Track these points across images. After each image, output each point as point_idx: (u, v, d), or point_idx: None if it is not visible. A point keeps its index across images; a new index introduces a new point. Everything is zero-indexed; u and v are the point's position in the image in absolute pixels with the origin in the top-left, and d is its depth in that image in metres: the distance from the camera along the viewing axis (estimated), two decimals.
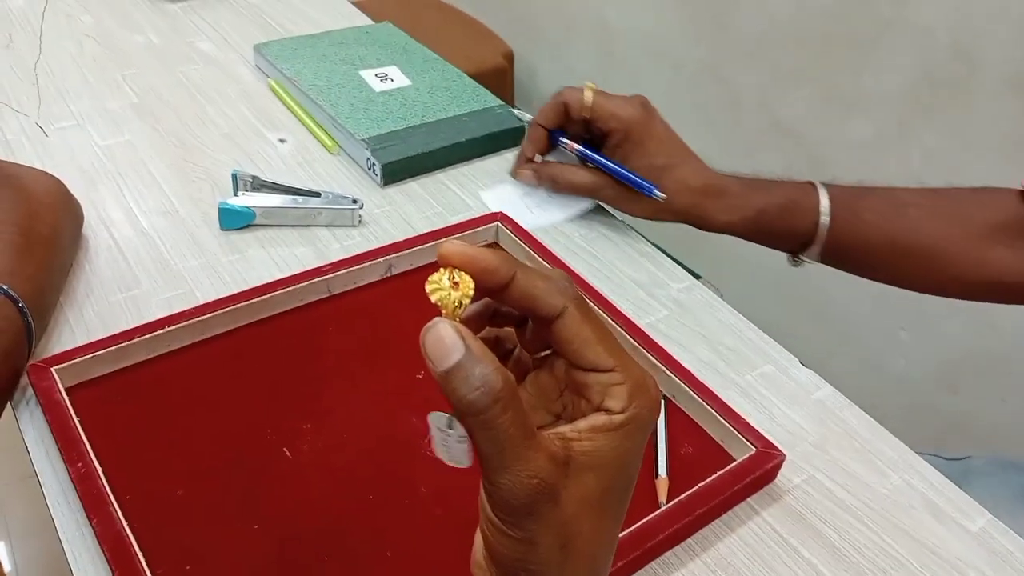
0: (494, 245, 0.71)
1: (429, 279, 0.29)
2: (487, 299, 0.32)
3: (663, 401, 0.57)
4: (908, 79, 1.25)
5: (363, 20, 1.06)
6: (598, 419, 0.29)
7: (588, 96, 0.69)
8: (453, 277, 0.29)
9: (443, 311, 0.28)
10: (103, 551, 0.43)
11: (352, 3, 1.11)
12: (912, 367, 1.35)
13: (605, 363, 0.29)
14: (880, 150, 1.34)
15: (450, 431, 0.29)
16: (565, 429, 0.29)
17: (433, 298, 0.28)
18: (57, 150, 0.76)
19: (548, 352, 0.32)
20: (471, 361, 0.26)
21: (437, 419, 0.30)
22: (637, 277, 0.69)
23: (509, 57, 1.85)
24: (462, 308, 0.29)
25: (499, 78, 1.79)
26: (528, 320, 0.32)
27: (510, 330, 0.33)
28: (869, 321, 1.41)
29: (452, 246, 0.29)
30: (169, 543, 0.45)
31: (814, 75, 1.38)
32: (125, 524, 0.44)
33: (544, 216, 0.73)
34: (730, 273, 1.33)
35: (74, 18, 0.99)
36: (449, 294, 0.28)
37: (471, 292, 0.29)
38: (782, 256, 0.73)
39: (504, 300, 0.29)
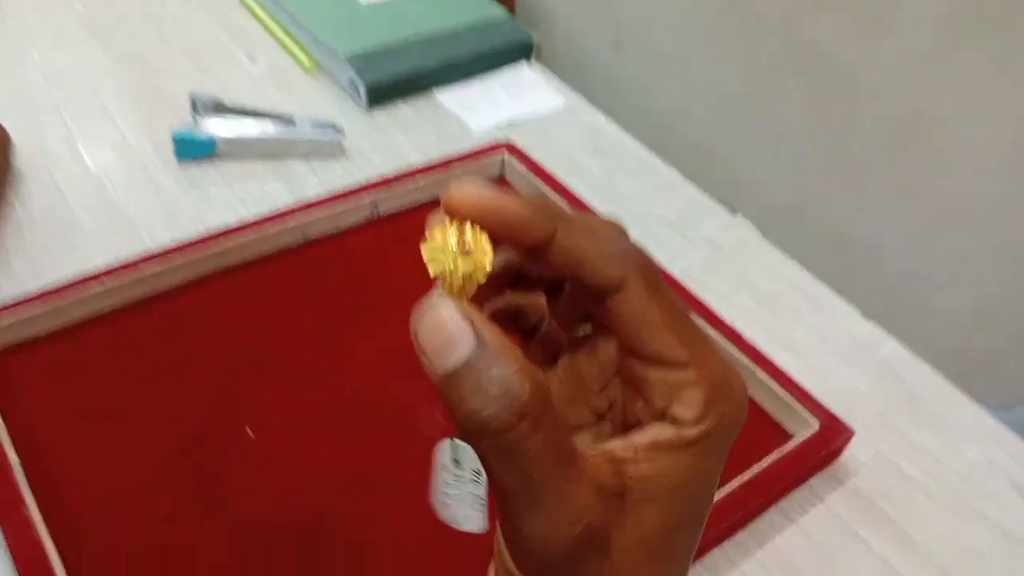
0: (499, 180, 0.61)
1: (427, 238, 0.20)
2: (508, 257, 0.22)
3: None
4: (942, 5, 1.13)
5: None
6: (663, 432, 0.20)
7: None
8: (464, 237, 0.20)
9: (446, 287, 0.19)
10: (15, 567, 0.35)
11: None
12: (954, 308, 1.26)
13: (677, 356, 0.20)
14: (917, 74, 1.22)
15: (459, 471, 0.20)
16: (616, 446, 0.20)
17: (432, 269, 0.19)
18: None
19: (590, 328, 0.23)
20: (486, 359, 0.18)
21: (446, 451, 0.21)
22: (665, 214, 0.60)
23: None
24: (474, 284, 0.20)
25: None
26: (564, 283, 0.23)
27: (538, 297, 0.24)
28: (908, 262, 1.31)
29: (463, 191, 0.20)
30: (101, 552, 0.37)
31: None
32: (44, 531, 0.36)
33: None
34: (768, 212, 1.23)
35: None
36: (456, 265, 0.19)
37: (488, 263, 0.20)
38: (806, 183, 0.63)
39: (545, 263, 0.21)
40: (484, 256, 0.19)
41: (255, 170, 0.58)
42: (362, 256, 0.53)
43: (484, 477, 0.20)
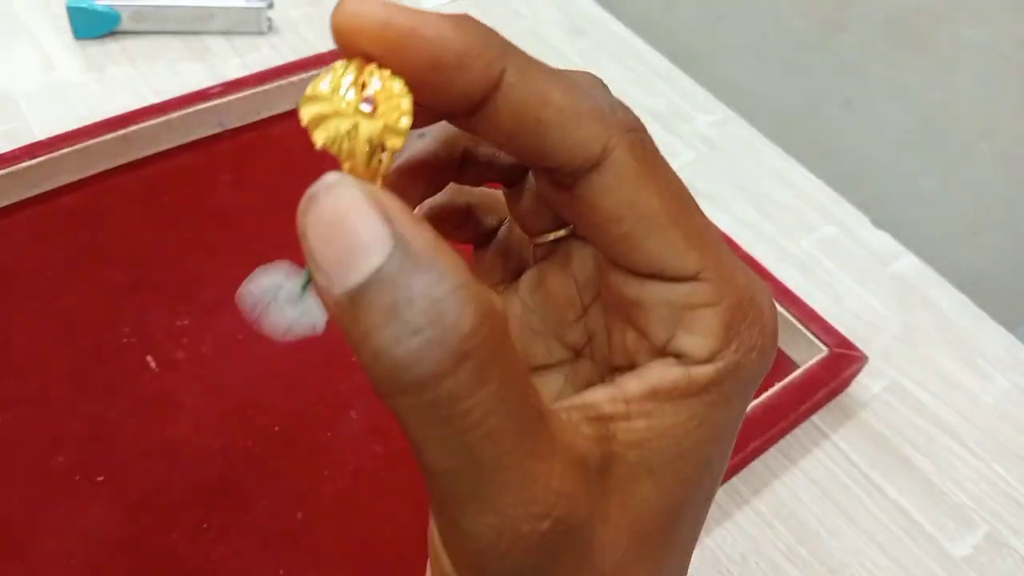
0: None
1: (310, 89, 0.13)
2: (445, 127, 0.16)
3: None
4: None
5: None
6: (665, 374, 0.14)
7: None
8: (365, 84, 0.13)
9: (346, 163, 0.13)
10: None
11: None
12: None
13: (684, 263, 0.14)
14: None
15: (287, 295, 0.15)
16: (600, 398, 0.14)
17: (319, 137, 0.13)
18: None
19: (564, 232, 0.17)
20: (407, 271, 0.11)
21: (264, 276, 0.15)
22: (653, 106, 0.51)
23: None
24: (388, 156, 0.13)
25: None
26: (528, 171, 0.16)
27: (492, 192, 0.17)
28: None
29: (359, 8, 0.13)
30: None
31: None
32: None
33: None
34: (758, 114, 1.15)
35: None
36: (356, 126, 0.13)
37: (403, 120, 0.13)
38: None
39: (483, 128, 0.14)
40: (397, 112, 0.13)
41: (166, 48, 0.49)
42: (290, 149, 0.44)
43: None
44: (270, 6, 0.50)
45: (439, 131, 0.16)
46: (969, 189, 1.12)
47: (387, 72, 0.13)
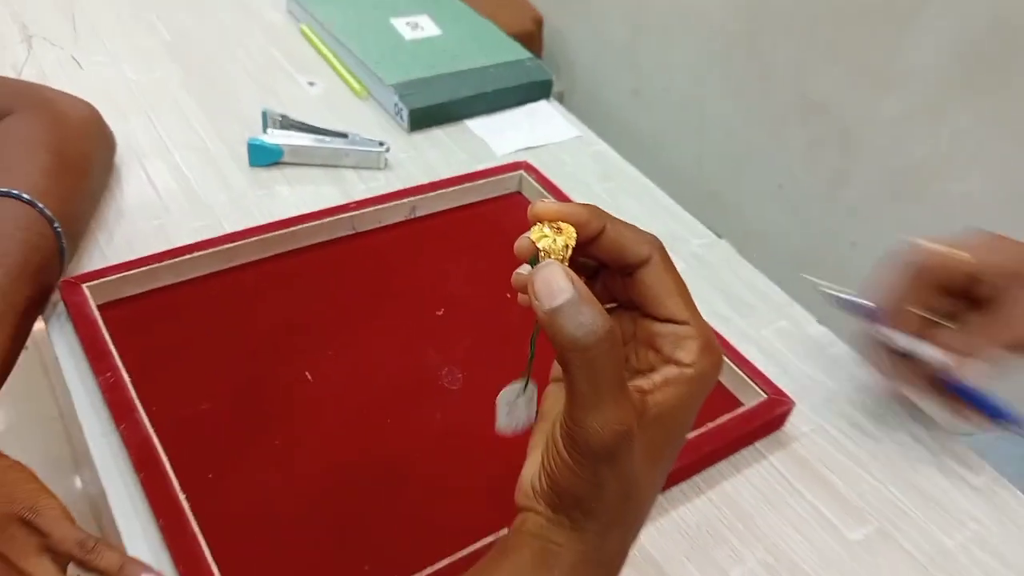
0: (517, 194, 0.71)
1: (531, 229, 0.29)
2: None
3: None
4: (943, 56, 1.23)
5: None
6: (670, 371, 0.30)
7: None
8: (556, 226, 0.30)
9: (550, 256, 0.29)
10: (129, 455, 0.45)
11: None
12: None
13: (681, 315, 0.30)
14: (910, 129, 1.32)
15: (518, 399, 0.31)
16: (641, 382, 0.30)
17: (540, 244, 0.29)
18: (91, 83, 0.77)
19: (615, 305, 0.33)
20: (579, 301, 0.27)
21: (509, 392, 0.32)
22: (658, 230, 0.70)
23: (539, 22, 1.84)
24: (568, 251, 0.29)
25: (528, 43, 1.78)
26: (599, 274, 0.33)
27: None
28: None
29: (545, 205, 0.30)
30: (192, 452, 0.47)
31: (847, 50, 1.37)
32: (151, 431, 0.46)
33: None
34: (753, 241, 1.32)
35: None
36: (555, 240, 0.29)
37: (574, 238, 0.29)
38: (807, 227, 0.73)
39: (593, 249, 0.30)
40: (571, 235, 0.29)
41: (313, 175, 0.69)
42: (401, 248, 0.63)
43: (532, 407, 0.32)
44: (387, 150, 0.71)
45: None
46: None
47: (562, 222, 0.29)
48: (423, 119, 0.77)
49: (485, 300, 0.57)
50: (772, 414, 0.52)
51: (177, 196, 0.66)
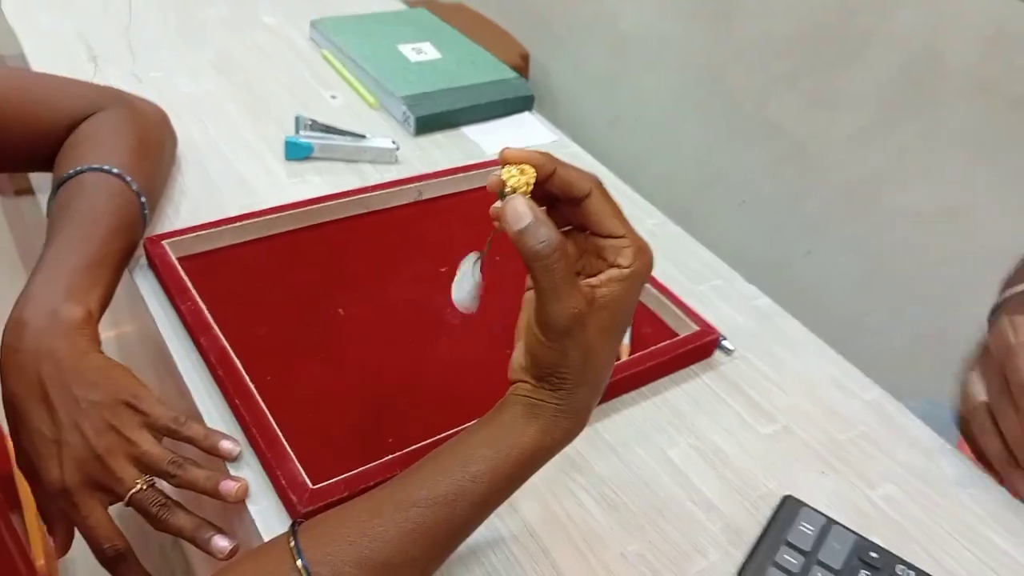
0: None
1: (502, 170, 0.41)
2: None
3: None
4: (885, 82, 1.40)
5: (401, 7, 1.22)
6: (613, 272, 0.43)
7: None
8: (520, 168, 0.41)
9: (516, 191, 0.41)
10: (206, 361, 0.59)
11: None
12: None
13: (619, 231, 0.43)
14: (860, 146, 1.49)
15: (472, 274, 0.45)
16: (591, 280, 0.43)
17: (509, 182, 0.41)
18: (150, 94, 0.92)
19: (569, 228, 0.45)
20: (538, 224, 0.40)
21: (467, 259, 0.45)
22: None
23: (525, 58, 2.01)
24: (529, 187, 0.41)
25: None
26: (555, 204, 0.44)
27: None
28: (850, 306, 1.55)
29: (512, 150, 0.42)
30: (255, 360, 0.61)
31: (802, 78, 1.54)
32: (225, 342, 0.60)
33: None
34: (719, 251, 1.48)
35: None
36: (518, 178, 0.41)
37: (534, 177, 0.41)
38: (768, 237, 0.87)
39: (548, 186, 0.42)
40: (531, 175, 0.41)
41: (337, 168, 0.84)
42: (411, 222, 0.78)
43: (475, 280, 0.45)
44: (397, 148, 0.86)
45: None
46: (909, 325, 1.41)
47: (524, 165, 0.42)
48: (426, 125, 0.92)
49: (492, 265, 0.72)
50: (702, 340, 0.67)
51: (229, 181, 0.80)
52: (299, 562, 0.41)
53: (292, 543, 0.42)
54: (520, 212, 0.40)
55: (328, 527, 0.43)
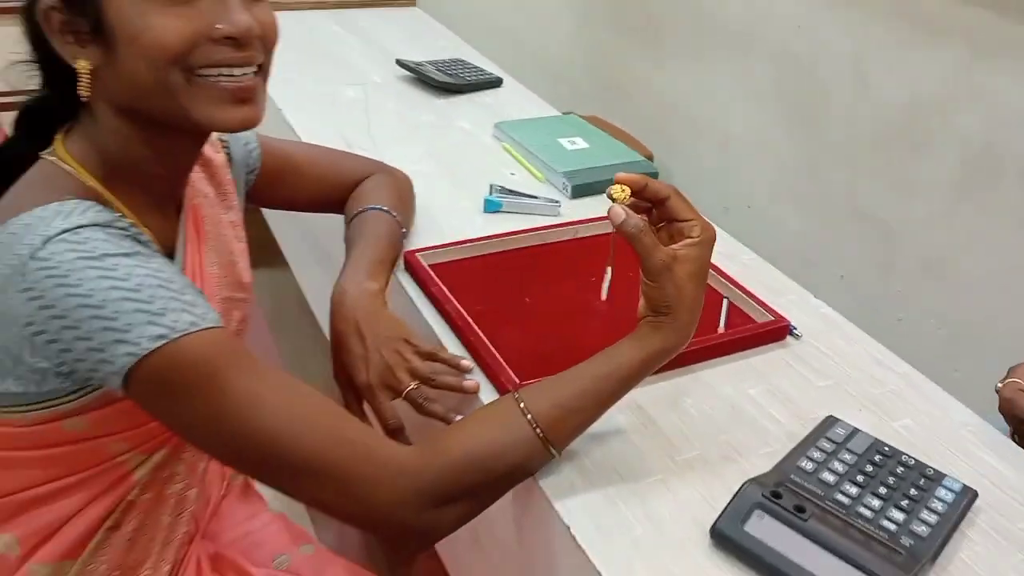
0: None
1: (610, 190, 0.77)
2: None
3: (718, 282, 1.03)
4: (952, 170, 1.67)
5: (557, 113, 1.62)
6: (688, 240, 0.75)
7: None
8: (622, 187, 0.77)
9: (617, 201, 0.76)
10: (448, 320, 0.94)
11: (547, 103, 1.68)
12: None
13: (690, 216, 0.76)
14: (935, 225, 1.75)
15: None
16: (675, 246, 0.75)
17: (615, 195, 0.75)
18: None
19: (662, 224, 0.78)
20: (628, 216, 0.72)
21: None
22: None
23: (649, 158, 2.38)
24: (627, 197, 0.75)
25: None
26: (653, 207, 0.79)
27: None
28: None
29: (620, 173, 0.78)
30: (479, 320, 0.95)
31: (884, 169, 1.82)
32: (461, 310, 0.95)
33: None
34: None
35: (384, 104, 1.60)
36: (620, 192, 0.76)
37: (630, 194, 0.76)
38: (863, 307, 1.16)
39: (644, 195, 0.76)
40: (628, 193, 0.76)
41: (519, 218, 1.21)
42: (568, 251, 1.13)
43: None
44: (559, 205, 1.22)
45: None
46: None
47: (625, 186, 0.78)
48: (579, 191, 1.28)
49: (617, 275, 1.06)
50: (777, 325, 0.97)
51: (451, 222, 1.18)
52: (516, 395, 0.74)
53: (514, 393, 0.75)
54: (616, 211, 0.73)
55: (537, 384, 0.76)
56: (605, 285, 0.85)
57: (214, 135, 0.94)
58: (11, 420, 0.75)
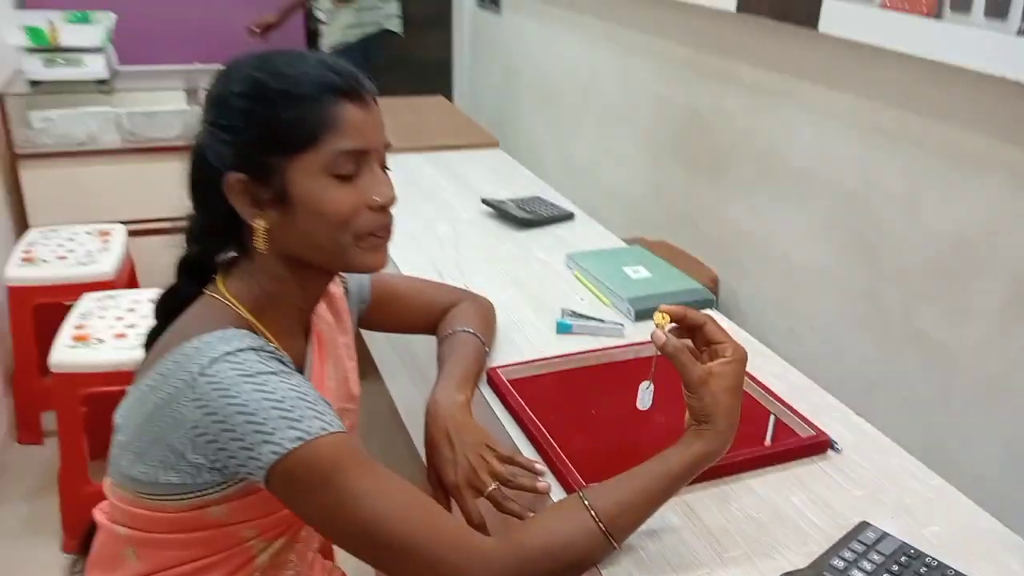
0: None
1: (655, 316, 0.93)
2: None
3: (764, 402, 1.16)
4: (1004, 295, 1.76)
5: (623, 244, 1.80)
6: (721, 360, 0.91)
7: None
8: (664, 316, 0.93)
9: (659, 326, 0.92)
10: (524, 426, 1.10)
11: (612, 233, 1.87)
12: None
13: (722, 339, 0.92)
14: (990, 347, 1.82)
15: (647, 387, 0.94)
16: (711, 364, 0.91)
17: (657, 321, 0.92)
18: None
19: (705, 348, 0.94)
20: (669, 339, 0.88)
21: (642, 388, 0.95)
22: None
23: (714, 280, 2.53)
24: (666, 322, 0.92)
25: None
26: (693, 333, 0.95)
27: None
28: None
29: (665, 306, 0.94)
30: (550, 427, 1.10)
31: (937, 294, 1.92)
32: (535, 418, 1.10)
33: None
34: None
35: (471, 238, 1.81)
36: (663, 319, 0.93)
37: (671, 321, 0.93)
38: (926, 421, 1.28)
39: (684, 322, 0.92)
40: (668, 320, 0.93)
41: (586, 339, 1.37)
42: (630, 368, 1.27)
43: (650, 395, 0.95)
44: (623, 327, 1.37)
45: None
46: None
47: (667, 314, 0.94)
48: (642, 315, 1.44)
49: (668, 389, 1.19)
50: (819, 439, 1.09)
51: (527, 341, 1.35)
52: (581, 494, 0.88)
53: (579, 492, 0.90)
54: (658, 335, 0.89)
55: (599, 485, 0.90)
56: (643, 396, 0.98)
57: None
58: (168, 507, 0.93)
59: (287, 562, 1.04)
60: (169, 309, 0.99)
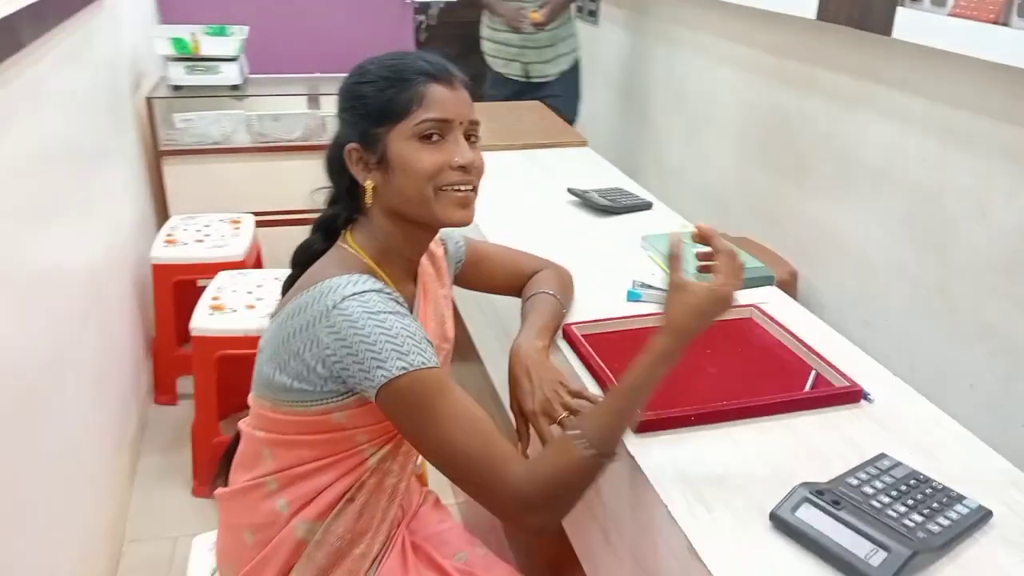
0: (750, 319, 1.49)
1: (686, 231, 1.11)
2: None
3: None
4: None
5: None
6: (705, 284, 1.06)
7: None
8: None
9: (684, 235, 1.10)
10: (597, 376, 1.28)
11: (689, 223, 2.03)
12: None
13: (724, 273, 1.05)
14: None
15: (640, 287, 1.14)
16: (691, 280, 1.06)
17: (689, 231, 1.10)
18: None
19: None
20: (674, 241, 1.06)
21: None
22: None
23: (793, 275, 2.64)
24: (688, 237, 1.10)
25: (785, 290, 2.57)
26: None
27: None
28: None
29: (702, 224, 1.12)
30: (616, 375, 1.28)
31: (1007, 287, 2.00)
32: (605, 368, 1.29)
33: None
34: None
35: (558, 221, 2.00)
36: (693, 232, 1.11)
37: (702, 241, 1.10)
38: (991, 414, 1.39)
39: (710, 243, 1.09)
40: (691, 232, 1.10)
41: (654, 307, 1.54)
42: None
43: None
44: None
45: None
46: None
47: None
48: None
49: (729, 354, 1.35)
50: (852, 389, 1.23)
51: (600, 306, 1.53)
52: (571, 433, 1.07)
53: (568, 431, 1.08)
54: (675, 235, 1.07)
55: (583, 415, 1.11)
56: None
57: (439, 234, 1.37)
58: (298, 411, 1.16)
59: (390, 470, 1.26)
60: (303, 260, 1.24)
